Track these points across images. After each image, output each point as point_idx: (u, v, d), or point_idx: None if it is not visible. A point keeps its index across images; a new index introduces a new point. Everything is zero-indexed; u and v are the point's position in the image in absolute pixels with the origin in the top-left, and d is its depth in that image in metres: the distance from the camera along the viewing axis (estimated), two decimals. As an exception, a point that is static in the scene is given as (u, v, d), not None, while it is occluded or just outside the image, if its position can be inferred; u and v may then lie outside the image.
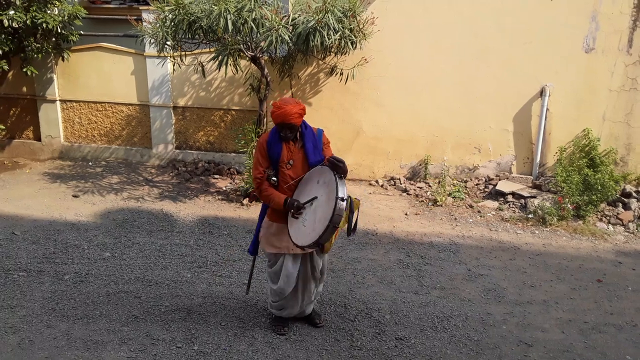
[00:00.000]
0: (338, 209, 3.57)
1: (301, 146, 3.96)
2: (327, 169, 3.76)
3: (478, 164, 7.47)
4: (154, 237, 5.93)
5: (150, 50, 7.45)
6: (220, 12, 5.73)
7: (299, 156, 3.95)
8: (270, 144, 3.94)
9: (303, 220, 3.83)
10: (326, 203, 3.68)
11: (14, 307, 4.57)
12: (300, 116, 3.84)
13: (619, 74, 6.88)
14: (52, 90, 8.34)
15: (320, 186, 3.79)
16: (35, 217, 6.37)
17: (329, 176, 3.74)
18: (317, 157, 3.94)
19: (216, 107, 7.95)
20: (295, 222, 3.88)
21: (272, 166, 3.96)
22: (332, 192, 3.64)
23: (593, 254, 5.79)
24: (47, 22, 7.23)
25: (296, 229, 3.86)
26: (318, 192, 3.79)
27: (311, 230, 3.73)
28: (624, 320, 4.60)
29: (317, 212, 3.75)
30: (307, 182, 3.92)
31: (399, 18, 7.16)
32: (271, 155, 3.93)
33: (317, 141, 3.99)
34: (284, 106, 3.77)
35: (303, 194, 3.91)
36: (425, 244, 5.92)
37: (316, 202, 3.78)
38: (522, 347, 4.21)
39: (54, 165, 8.25)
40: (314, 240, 3.66)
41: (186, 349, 4.08)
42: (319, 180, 3.82)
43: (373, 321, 4.47)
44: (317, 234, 3.64)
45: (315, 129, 4.07)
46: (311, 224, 3.76)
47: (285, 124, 3.81)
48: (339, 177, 3.68)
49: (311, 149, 3.94)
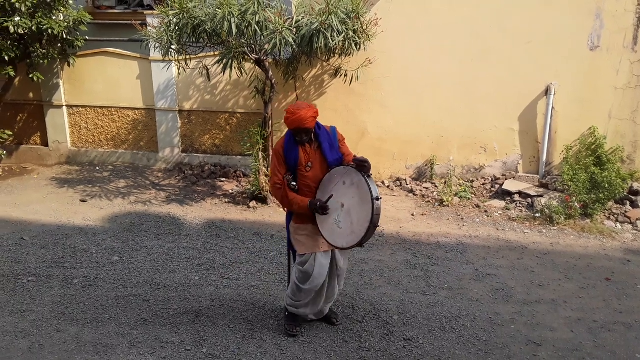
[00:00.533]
0: (376, 209, 3.63)
1: (317, 147, 3.95)
2: (352, 170, 3.76)
3: (484, 163, 7.45)
4: (162, 241, 5.96)
5: (155, 54, 7.49)
6: (224, 16, 5.75)
7: (317, 157, 3.95)
8: (286, 150, 3.93)
9: (337, 222, 3.84)
10: (360, 205, 3.71)
11: (24, 311, 4.60)
12: (315, 119, 3.85)
13: (625, 72, 6.86)
14: (58, 95, 8.39)
15: (348, 188, 3.80)
16: (43, 222, 6.41)
17: (357, 177, 3.74)
18: (335, 156, 3.95)
19: (221, 110, 7.97)
20: (327, 224, 3.90)
21: (290, 171, 3.96)
22: (365, 194, 3.67)
23: (601, 253, 5.77)
24: (52, 28, 7.28)
25: (330, 231, 3.88)
26: (346, 193, 3.80)
27: (350, 232, 3.77)
28: (633, 318, 4.58)
29: (352, 214, 3.77)
30: (330, 182, 3.91)
31: (402, 19, 7.17)
32: (289, 160, 3.93)
33: (333, 139, 3.99)
34: (299, 111, 3.77)
35: (326, 194, 3.90)
36: (433, 245, 5.91)
37: (349, 204, 3.78)
38: (531, 346, 4.20)
39: (62, 170, 8.29)
40: (356, 242, 3.73)
41: (195, 351, 4.09)
42: (345, 182, 3.82)
43: (381, 322, 4.47)
44: (359, 236, 3.70)
45: (328, 127, 4.06)
46: (348, 226, 3.78)
47: (301, 129, 3.82)
48: (367, 176, 3.70)
49: (328, 149, 3.94)
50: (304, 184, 3.96)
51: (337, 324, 4.38)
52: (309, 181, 3.95)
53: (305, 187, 3.96)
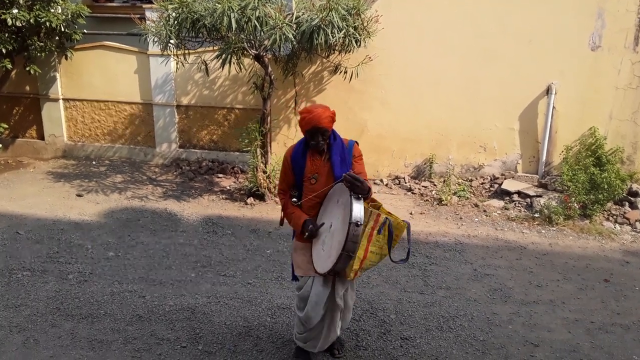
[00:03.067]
0: (352, 235, 3.21)
1: (327, 159, 3.61)
2: (345, 189, 3.37)
3: (483, 162, 7.43)
4: (158, 237, 5.92)
5: (153, 48, 7.43)
6: (224, 11, 5.70)
7: (324, 170, 3.61)
8: (294, 158, 3.65)
9: (322, 243, 3.53)
10: (342, 228, 3.33)
11: (18, 306, 4.56)
12: (332, 120, 3.54)
13: (626, 72, 6.84)
14: (55, 89, 8.33)
15: (338, 207, 3.46)
16: (39, 217, 6.36)
17: (345, 197, 3.37)
18: (344, 171, 3.48)
19: (220, 105, 7.93)
20: (317, 246, 3.60)
21: (296, 181, 3.68)
22: (347, 216, 3.28)
23: (600, 254, 5.75)
24: (50, 20, 7.21)
25: (317, 253, 3.59)
26: (336, 213, 3.47)
27: (327, 256, 3.43)
28: (631, 320, 4.57)
29: (334, 236, 3.42)
30: (329, 200, 3.61)
31: (403, 16, 7.13)
32: (295, 170, 3.65)
33: (346, 154, 3.62)
34: (314, 110, 3.50)
35: (325, 213, 3.62)
36: (431, 244, 5.89)
37: (335, 225, 3.45)
38: (528, 347, 4.18)
39: (58, 164, 8.24)
40: (329, 268, 3.36)
41: (191, 348, 4.06)
42: (338, 200, 3.49)
43: (378, 321, 4.45)
44: (332, 262, 3.32)
45: (347, 140, 3.70)
46: (328, 250, 3.45)
47: (317, 128, 3.48)
48: (355, 197, 3.29)
49: (338, 162, 3.57)
50: (308, 197, 3.64)
51: (338, 356, 4.00)
52: (313, 195, 3.62)
53: (309, 200, 3.63)
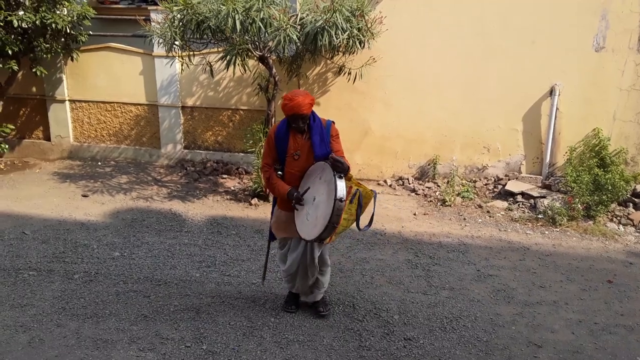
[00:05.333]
0: (336, 210, 3.71)
1: (308, 138, 4.07)
2: (328, 168, 3.87)
3: (487, 163, 7.43)
4: (163, 237, 5.95)
5: (158, 50, 7.47)
6: (229, 12, 5.73)
7: (305, 148, 4.08)
8: (277, 136, 4.09)
9: (307, 214, 3.99)
10: (326, 202, 3.82)
11: (24, 305, 4.60)
12: (311, 106, 3.98)
13: (630, 73, 6.82)
14: (61, 90, 8.39)
15: (321, 183, 3.93)
16: (45, 217, 6.41)
17: (329, 175, 3.84)
18: (323, 150, 4.03)
19: (224, 107, 7.96)
20: (300, 215, 4.06)
21: (279, 157, 4.13)
22: (331, 192, 3.76)
23: (603, 255, 5.75)
24: (56, 22, 7.26)
25: (301, 222, 4.06)
26: (319, 188, 3.93)
27: (313, 226, 3.91)
28: (634, 321, 4.57)
29: (319, 209, 3.89)
30: (310, 175, 4.08)
31: (407, 17, 7.14)
32: (279, 147, 4.09)
33: (325, 134, 4.08)
34: (296, 98, 3.91)
35: (305, 186, 4.07)
36: (434, 244, 5.90)
37: (318, 199, 3.92)
38: (531, 348, 4.19)
39: (64, 165, 8.29)
40: (315, 236, 3.87)
41: (195, 348, 4.09)
42: (320, 177, 3.95)
43: (381, 321, 4.46)
44: (318, 231, 3.83)
45: (325, 120, 4.16)
46: (313, 220, 3.92)
47: (297, 115, 3.94)
48: (339, 176, 3.77)
49: (317, 142, 4.03)
50: (290, 172, 4.12)
51: (323, 313, 4.48)
52: (295, 170, 4.10)
53: (291, 175, 4.12)
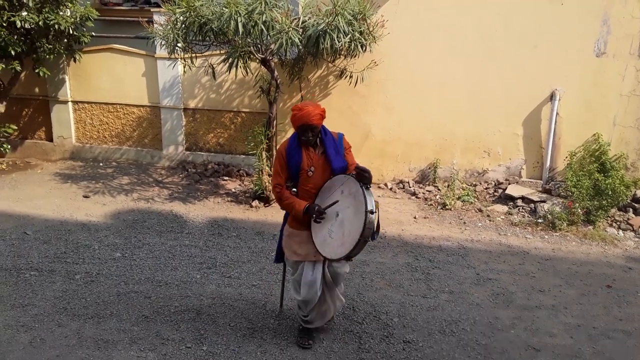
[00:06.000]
0: (368, 223, 3.48)
1: (322, 152, 3.86)
2: (351, 180, 3.65)
3: (487, 167, 7.45)
4: (164, 238, 5.97)
5: (161, 52, 7.51)
6: (231, 15, 5.76)
7: (320, 163, 3.85)
8: (289, 153, 3.84)
9: (329, 232, 3.73)
10: (354, 216, 3.58)
11: (25, 305, 4.62)
12: (321, 118, 3.79)
13: (630, 79, 6.85)
14: (64, 91, 8.42)
15: (345, 197, 3.69)
16: (46, 217, 6.43)
17: (354, 187, 3.62)
18: (341, 163, 3.85)
19: (226, 109, 7.98)
20: (320, 233, 3.79)
21: (292, 175, 3.87)
22: (360, 205, 3.54)
23: (603, 260, 5.76)
24: (59, 23, 7.29)
25: (322, 240, 3.77)
26: (343, 202, 3.69)
27: (340, 244, 3.64)
28: (633, 326, 4.58)
29: (345, 225, 3.65)
30: (329, 190, 3.82)
31: (408, 21, 7.17)
32: (291, 164, 3.83)
33: (339, 146, 3.89)
34: (305, 107, 3.74)
35: (325, 201, 3.79)
36: (434, 248, 5.91)
37: (343, 215, 3.68)
38: (530, 352, 4.20)
39: (66, 166, 8.32)
40: (344, 254, 3.60)
41: (195, 349, 4.11)
42: (343, 191, 3.72)
43: (381, 324, 4.48)
44: (348, 249, 3.57)
45: (335, 133, 3.98)
46: (339, 237, 3.66)
47: (307, 125, 3.73)
48: (365, 188, 3.59)
49: (333, 155, 3.83)
50: (304, 189, 3.86)
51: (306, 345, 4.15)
52: (310, 187, 3.86)
53: (305, 192, 3.87)
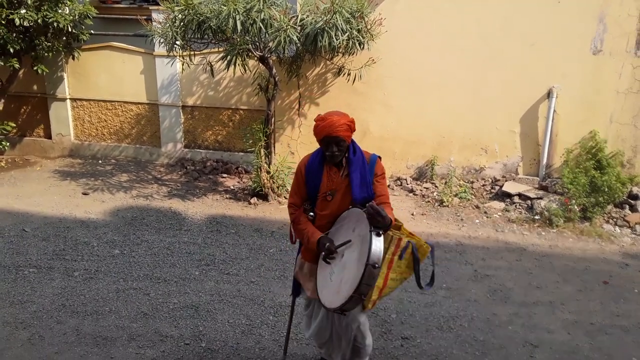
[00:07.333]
0: (367, 277, 2.87)
1: (346, 175, 3.24)
2: (364, 218, 2.99)
3: (484, 165, 7.47)
4: (163, 235, 5.99)
5: (159, 49, 7.50)
6: (230, 13, 5.77)
7: (342, 187, 3.25)
8: (309, 170, 3.29)
9: (331, 272, 3.16)
10: (356, 264, 2.98)
11: (24, 302, 4.63)
12: (349, 129, 3.16)
13: (627, 76, 6.87)
14: (62, 88, 8.42)
15: (355, 237, 3.07)
16: (45, 214, 6.44)
17: (364, 230, 2.97)
18: (364, 193, 3.19)
19: (224, 106, 8.00)
20: (324, 271, 3.24)
21: (309, 195, 3.34)
22: (364, 253, 2.91)
23: (599, 256, 5.79)
24: (58, 21, 7.29)
25: (323, 280, 3.23)
26: (354, 242, 3.10)
27: (336, 291, 3.07)
28: (630, 322, 4.61)
29: (345, 271, 3.07)
30: (344, 222, 3.24)
31: (407, 19, 7.18)
32: (309, 183, 3.29)
33: (367, 172, 3.23)
34: (329, 117, 3.15)
35: (338, 234, 3.22)
36: (432, 244, 5.92)
37: (347, 257, 3.09)
38: (528, 347, 4.23)
39: (64, 163, 8.32)
40: (336, 306, 3.01)
41: (194, 345, 4.13)
42: (354, 229, 3.11)
43: (379, 320, 4.50)
44: (340, 301, 2.98)
45: (369, 155, 3.31)
46: (337, 284, 3.08)
47: (331, 137, 3.12)
48: (376, 233, 2.91)
49: (358, 182, 3.20)
50: (319, 214, 3.32)
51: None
52: (326, 213, 3.29)
53: (321, 217, 3.31)
